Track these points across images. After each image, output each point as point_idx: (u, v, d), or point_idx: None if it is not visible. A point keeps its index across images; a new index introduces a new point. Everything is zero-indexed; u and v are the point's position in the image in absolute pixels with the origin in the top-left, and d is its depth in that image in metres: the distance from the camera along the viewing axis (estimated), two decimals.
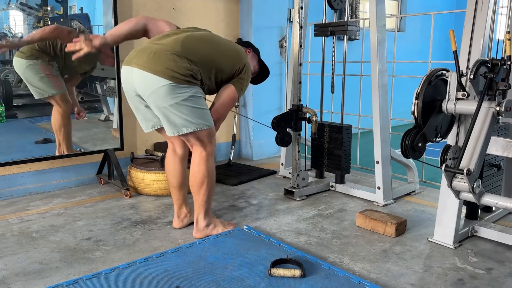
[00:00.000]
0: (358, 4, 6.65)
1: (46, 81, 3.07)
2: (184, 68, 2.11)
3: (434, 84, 2.05)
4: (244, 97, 4.31)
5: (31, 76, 3.04)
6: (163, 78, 2.07)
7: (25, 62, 3.00)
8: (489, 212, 2.59)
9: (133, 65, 2.15)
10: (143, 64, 2.11)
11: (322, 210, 2.87)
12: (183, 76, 2.10)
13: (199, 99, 2.19)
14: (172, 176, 2.48)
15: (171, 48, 2.15)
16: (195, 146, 2.30)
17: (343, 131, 3.13)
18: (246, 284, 1.88)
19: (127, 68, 2.20)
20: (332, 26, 3.07)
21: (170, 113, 2.15)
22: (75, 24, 3.22)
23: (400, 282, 1.94)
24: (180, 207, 2.51)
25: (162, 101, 2.12)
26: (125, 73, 2.21)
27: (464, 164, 1.96)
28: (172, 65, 2.09)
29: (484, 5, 2.11)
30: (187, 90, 2.13)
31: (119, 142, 3.42)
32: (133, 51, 2.23)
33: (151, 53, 2.13)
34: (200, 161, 2.29)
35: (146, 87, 2.13)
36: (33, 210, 2.84)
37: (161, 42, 2.20)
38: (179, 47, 2.16)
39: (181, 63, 2.11)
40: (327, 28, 3.11)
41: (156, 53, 2.12)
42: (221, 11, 4.12)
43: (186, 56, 2.15)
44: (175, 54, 2.12)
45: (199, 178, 2.30)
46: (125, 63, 2.23)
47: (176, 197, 2.50)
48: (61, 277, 1.96)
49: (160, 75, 2.08)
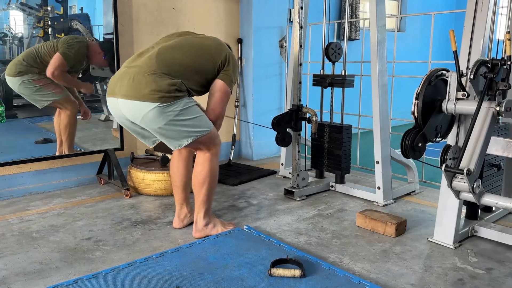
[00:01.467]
0: (358, 4, 6.65)
1: (43, 91, 3.07)
2: (167, 85, 2.08)
3: (434, 84, 2.05)
4: (244, 97, 4.32)
5: (27, 91, 3.03)
6: (150, 102, 2.05)
7: (16, 80, 2.98)
8: (489, 212, 2.59)
9: (116, 96, 2.15)
10: (126, 93, 2.10)
11: (322, 210, 2.87)
12: (168, 94, 2.07)
13: (190, 109, 2.17)
14: (176, 175, 2.48)
15: (147, 68, 2.11)
16: (199, 149, 2.31)
17: (343, 131, 3.13)
18: (246, 284, 1.88)
19: (111, 100, 2.19)
20: (330, 78, 3.18)
21: (166, 131, 2.14)
22: (75, 24, 3.22)
23: (400, 282, 1.94)
24: (181, 207, 2.52)
25: (155, 123, 2.11)
26: (111, 104, 2.21)
27: (464, 164, 1.96)
28: (154, 87, 2.05)
29: (484, 5, 2.11)
30: (176, 106, 2.10)
31: (119, 142, 3.42)
32: (113, 79, 2.22)
33: (130, 79, 2.10)
34: (204, 161, 2.30)
35: (136, 115, 2.12)
36: (33, 210, 2.84)
37: (136, 63, 2.17)
38: (155, 65, 2.12)
39: (162, 81, 2.07)
40: (325, 79, 3.21)
41: (135, 78, 2.10)
42: (221, 11, 4.12)
43: (165, 72, 2.12)
44: (154, 74, 2.09)
45: (201, 177, 2.31)
46: (108, 95, 2.22)
47: (179, 196, 2.50)
48: (61, 277, 1.96)
49: (146, 100, 2.05)
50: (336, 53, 3.26)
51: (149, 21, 3.62)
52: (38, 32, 3.10)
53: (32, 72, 3.00)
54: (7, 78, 2.97)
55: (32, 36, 3.12)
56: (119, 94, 2.13)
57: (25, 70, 2.99)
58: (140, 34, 3.57)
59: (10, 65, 2.98)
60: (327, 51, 3.23)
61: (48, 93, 3.08)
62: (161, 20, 3.70)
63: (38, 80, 3.03)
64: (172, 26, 3.75)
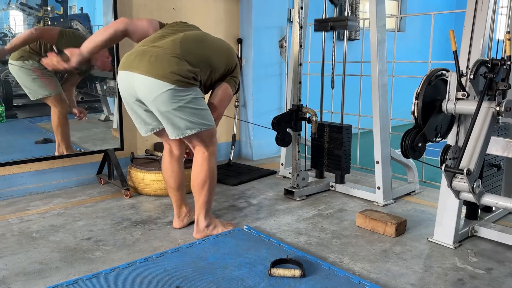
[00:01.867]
0: (358, 4, 6.65)
1: (38, 83, 3.05)
2: (187, 71, 2.09)
3: (434, 84, 2.05)
4: (244, 97, 4.32)
5: (23, 78, 3.01)
6: (167, 83, 2.05)
7: (17, 63, 2.98)
8: (489, 212, 2.59)
9: (133, 70, 2.11)
10: (145, 69, 2.07)
11: (322, 210, 2.87)
12: (186, 79, 2.08)
13: (200, 100, 2.18)
14: (170, 177, 2.46)
15: (171, 51, 2.11)
16: (197, 147, 2.30)
17: (343, 131, 3.13)
18: (246, 284, 1.88)
19: (125, 74, 2.15)
20: (332, 21, 3.07)
21: (173, 116, 2.13)
22: (75, 24, 3.22)
23: (400, 282, 1.94)
24: (180, 207, 2.51)
25: (165, 106, 2.10)
26: (124, 78, 2.17)
27: (464, 164, 1.96)
28: (175, 69, 2.06)
29: (484, 5, 2.11)
30: (190, 93, 2.11)
31: (119, 142, 3.42)
32: (130, 55, 2.18)
33: (152, 57, 2.09)
34: (203, 161, 2.29)
35: (149, 93, 2.09)
36: (33, 210, 2.84)
37: (159, 44, 2.16)
38: (179, 49, 2.13)
39: (182, 66, 2.09)
40: (327, 23, 3.11)
41: (157, 57, 2.09)
42: (221, 11, 4.12)
43: (186, 58, 2.13)
44: (176, 57, 2.10)
45: (201, 179, 2.30)
46: (122, 68, 2.17)
47: (175, 197, 2.49)
48: (61, 277, 1.96)
49: (164, 80, 2.05)
50: None
51: None
52: None
53: (33, 59, 3.00)
54: (9, 62, 2.98)
55: None
56: (137, 69, 2.10)
57: (27, 55, 2.99)
58: None
59: None
60: None
61: (42, 87, 3.07)
62: (161, 20, 3.68)
63: (37, 69, 3.02)
64: None
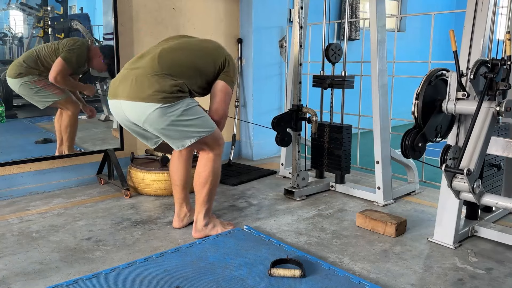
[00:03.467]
0: (358, 4, 6.65)
1: (44, 92, 3.07)
2: (170, 86, 2.09)
3: (434, 84, 2.05)
4: (244, 97, 4.32)
5: (27, 93, 3.03)
6: (152, 103, 2.06)
7: (17, 81, 2.99)
8: (489, 212, 2.59)
9: (119, 97, 2.15)
10: (128, 94, 2.11)
11: (322, 210, 2.87)
12: (170, 94, 2.08)
13: (193, 109, 2.17)
14: (176, 174, 2.48)
15: (150, 70, 2.12)
16: (202, 150, 2.31)
17: (343, 131, 3.13)
18: (246, 284, 1.88)
19: (114, 102, 2.20)
20: (330, 79, 3.17)
21: (169, 132, 2.15)
22: (75, 24, 3.22)
23: (400, 282, 1.94)
24: (181, 206, 2.52)
25: (158, 124, 2.12)
26: (114, 106, 2.22)
27: (464, 164, 1.96)
28: (157, 87, 2.07)
29: (484, 5, 2.11)
30: (179, 106, 2.11)
31: (119, 142, 3.42)
32: (114, 81, 2.22)
33: (133, 81, 2.11)
34: (207, 162, 2.30)
35: (139, 116, 2.12)
36: (33, 210, 2.84)
37: (138, 65, 2.18)
38: (157, 66, 2.13)
39: (164, 82, 2.09)
40: (325, 80, 3.20)
41: (137, 79, 2.11)
42: (221, 11, 4.12)
43: (167, 73, 2.13)
44: (156, 75, 2.10)
45: (203, 177, 2.31)
46: (110, 97, 2.22)
47: (178, 195, 2.50)
48: (61, 277, 1.96)
49: (149, 101, 2.06)
50: (336, 54, 3.27)
51: (149, 21, 3.62)
52: (38, 32, 3.10)
53: (32, 74, 3.01)
54: (8, 80, 2.98)
55: (32, 36, 3.12)
56: (122, 96, 2.14)
57: (25, 71, 2.99)
58: (140, 34, 3.57)
59: (11, 67, 2.99)
60: (327, 52, 3.24)
61: (48, 94, 3.08)
62: (161, 20, 3.70)
63: (38, 81, 3.03)
64: (172, 26, 3.75)
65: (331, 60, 3.25)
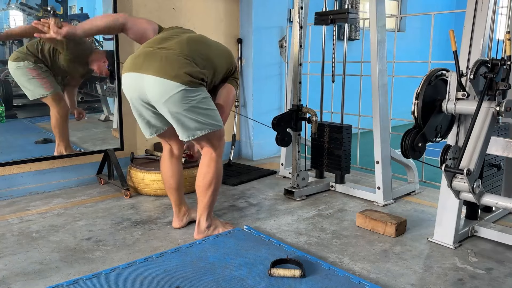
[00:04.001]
0: (358, 4, 6.65)
1: (35, 83, 3.06)
2: (197, 72, 2.10)
3: (434, 84, 2.05)
4: (244, 97, 4.32)
5: (20, 78, 3.03)
6: (179, 83, 2.04)
7: (14, 64, 3.00)
8: (489, 212, 2.59)
9: (143, 71, 2.09)
10: (157, 70, 2.06)
11: (322, 210, 2.87)
12: (196, 80, 2.09)
13: (209, 100, 2.19)
14: (172, 178, 2.47)
15: (179, 52, 2.11)
16: (205, 148, 2.29)
17: (343, 131, 3.13)
18: (246, 284, 1.88)
19: (135, 75, 2.12)
20: (333, 14, 3.07)
21: (184, 118, 2.12)
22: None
23: (400, 282, 1.94)
24: (180, 207, 2.53)
25: (177, 107, 2.09)
26: (133, 79, 2.14)
27: (464, 164, 1.96)
28: (187, 69, 2.07)
29: (484, 5, 2.11)
30: (199, 93, 2.11)
31: (119, 142, 3.42)
32: (137, 57, 2.15)
33: (162, 58, 2.08)
34: (210, 162, 2.29)
35: (161, 93, 2.07)
36: (33, 210, 2.84)
37: (166, 46, 2.15)
38: (187, 51, 2.13)
39: (192, 66, 2.10)
40: (328, 16, 3.10)
41: (167, 58, 2.08)
42: (221, 11, 4.12)
43: (194, 59, 2.13)
44: (186, 58, 2.10)
45: (207, 180, 2.29)
46: (130, 70, 2.14)
47: (175, 197, 2.50)
48: (61, 277, 1.96)
49: (176, 80, 2.04)
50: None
51: None
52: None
53: (28, 60, 3.02)
54: (9, 65, 3.01)
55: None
56: (148, 70, 2.08)
57: (22, 56, 3.01)
58: None
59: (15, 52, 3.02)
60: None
61: (38, 86, 3.08)
62: (161, 20, 3.67)
63: (33, 69, 3.04)
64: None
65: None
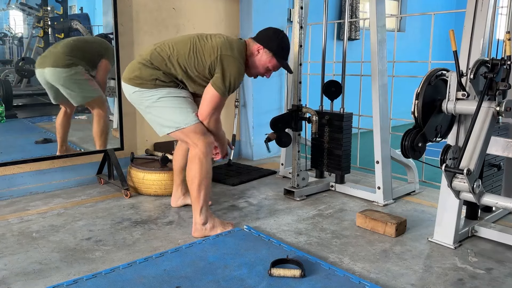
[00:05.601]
0: (358, 4, 6.66)
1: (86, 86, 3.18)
2: (148, 75, 2.32)
3: (434, 84, 2.05)
4: (244, 97, 4.32)
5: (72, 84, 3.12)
6: (131, 86, 2.36)
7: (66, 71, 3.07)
8: (489, 212, 2.59)
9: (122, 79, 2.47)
10: (123, 76, 2.44)
11: (322, 210, 2.87)
12: (147, 82, 2.33)
13: (172, 100, 2.34)
14: (175, 160, 2.80)
15: (140, 58, 2.39)
16: (188, 144, 2.42)
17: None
18: (246, 284, 1.88)
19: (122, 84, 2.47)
20: (329, 115, 3.18)
21: (148, 115, 2.42)
22: (74, 24, 3.22)
23: (400, 282, 1.94)
24: (177, 189, 2.85)
25: (138, 105, 2.42)
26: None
27: (464, 164, 1.96)
28: (138, 73, 2.34)
29: (484, 5, 2.11)
30: (155, 93, 2.33)
31: (119, 142, 3.42)
32: None
33: (129, 65, 2.44)
34: (193, 158, 2.37)
35: (127, 96, 2.44)
36: (33, 210, 2.84)
37: (140, 53, 2.46)
38: (148, 56, 2.36)
39: (145, 71, 2.33)
40: (323, 116, 3.18)
41: (130, 65, 2.43)
42: (221, 11, 4.12)
43: (153, 63, 2.33)
44: (141, 63, 2.35)
45: (191, 175, 2.38)
46: None
47: (175, 178, 2.84)
48: (61, 277, 1.96)
49: (130, 83, 2.37)
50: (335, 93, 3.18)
51: (149, 21, 3.62)
52: (38, 32, 3.10)
53: (81, 64, 3.12)
54: (50, 70, 3.02)
55: (32, 36, 3.13)
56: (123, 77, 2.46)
57: (76, 61, 3.11)
58: (140, 34, 3.57)
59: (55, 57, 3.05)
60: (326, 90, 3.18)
61: (90, 89, 3.18)
62: (161, 20, 3.70)
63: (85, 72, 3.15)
64: (172, 26, 3.75)
65: (330, 98, 3.19)
